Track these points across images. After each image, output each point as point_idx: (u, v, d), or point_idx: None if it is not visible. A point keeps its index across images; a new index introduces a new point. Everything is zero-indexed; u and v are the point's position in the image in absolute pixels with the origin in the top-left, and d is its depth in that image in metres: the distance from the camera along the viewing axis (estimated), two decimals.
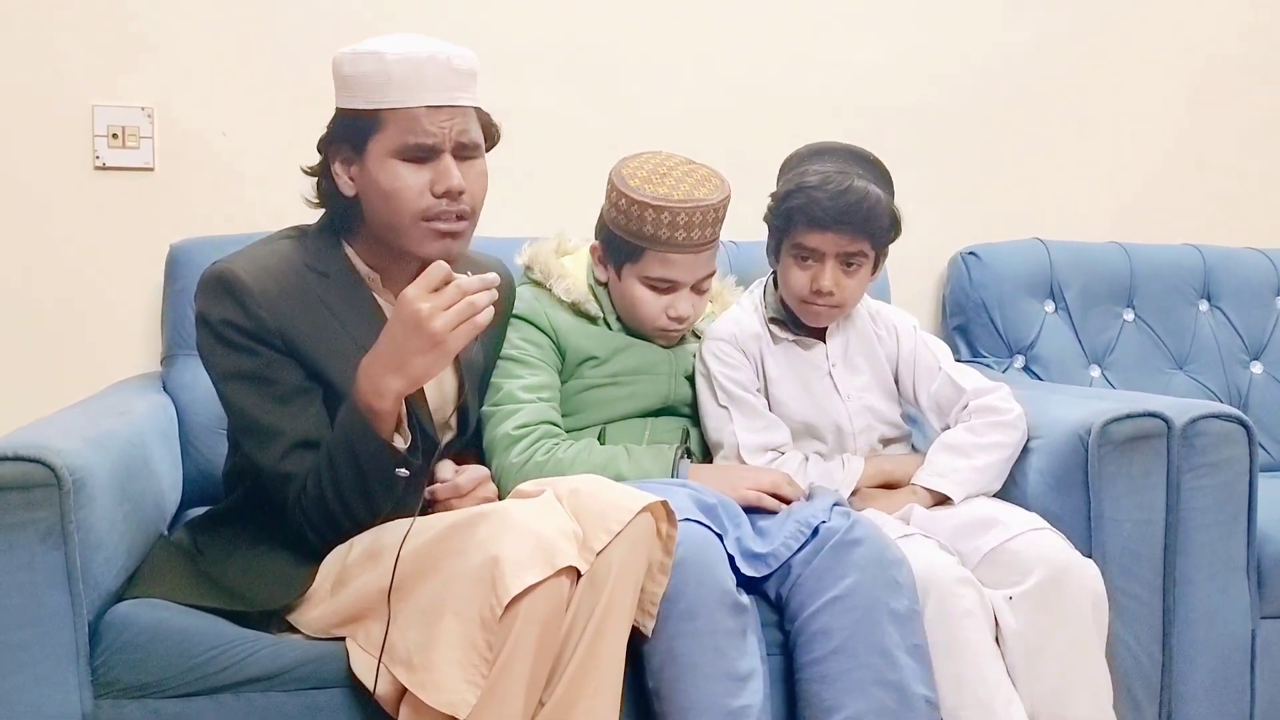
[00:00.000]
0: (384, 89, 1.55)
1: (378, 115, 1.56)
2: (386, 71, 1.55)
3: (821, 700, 1.62)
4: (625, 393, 1.96)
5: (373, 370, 1.49)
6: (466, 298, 1.44)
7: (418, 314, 1.43)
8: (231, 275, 1.55)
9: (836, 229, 1.89)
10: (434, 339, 1.44)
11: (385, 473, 1.52)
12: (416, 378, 1.49)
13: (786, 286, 1.97)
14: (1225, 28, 2.79)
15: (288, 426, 1.56)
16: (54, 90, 2.25)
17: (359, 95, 1.57)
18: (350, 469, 1.51)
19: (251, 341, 1.55)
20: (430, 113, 1.56)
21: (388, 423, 1.51)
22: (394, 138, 1.56)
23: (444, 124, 1.56)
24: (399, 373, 1.47)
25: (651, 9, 2.50)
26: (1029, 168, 2.70)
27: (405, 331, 1.45)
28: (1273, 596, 1.94)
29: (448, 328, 1.43)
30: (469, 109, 1.60)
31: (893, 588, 1.65)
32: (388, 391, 1.48)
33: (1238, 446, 1.87)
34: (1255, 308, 2.63)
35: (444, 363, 1.48)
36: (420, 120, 1.55)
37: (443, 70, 1.56)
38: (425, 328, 1.43)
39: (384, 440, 1.51)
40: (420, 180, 1.56)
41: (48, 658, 1.47)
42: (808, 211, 1.90)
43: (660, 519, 1.55)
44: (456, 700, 1.37)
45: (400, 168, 1.56)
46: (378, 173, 1.57)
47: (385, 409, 1.50)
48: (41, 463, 1.45)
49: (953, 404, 2.00)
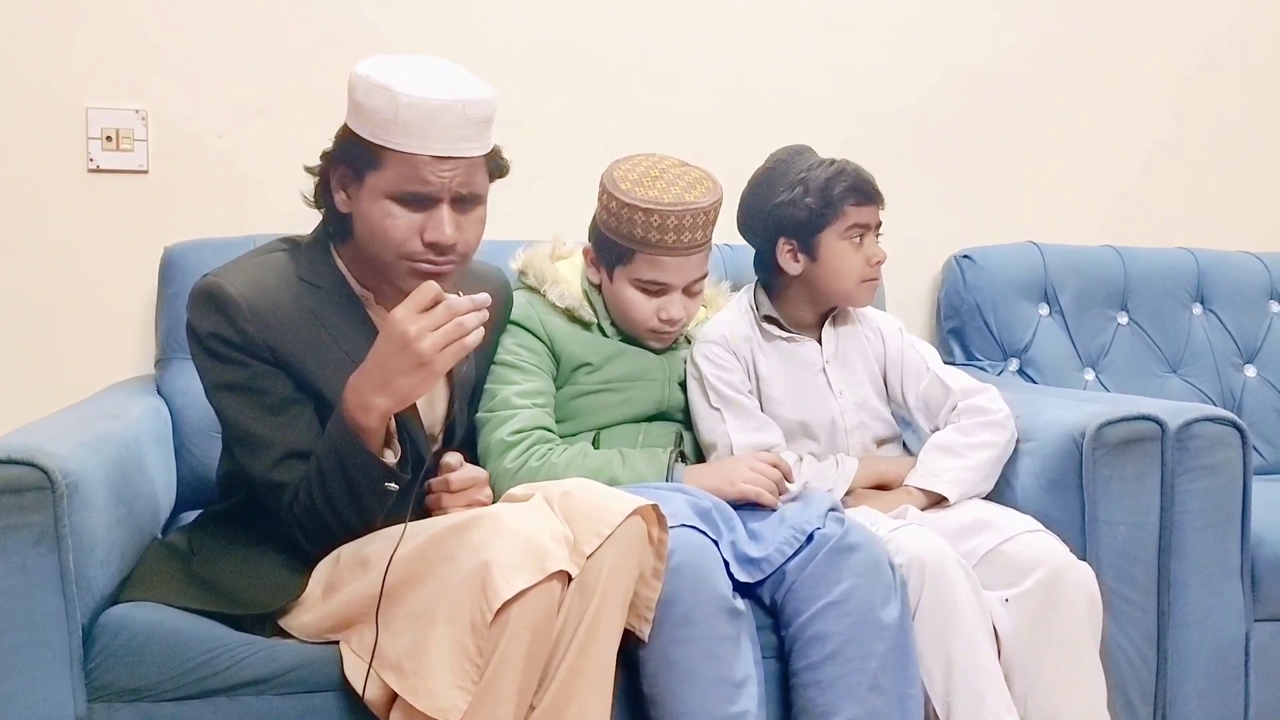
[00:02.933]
0: (389, 128, 1.51)
1: (380, 152, 1.52)
2: (396, 111, 1.49)
3: (816, 706, 1.63)
4: (619, 399, 1.96)
5: (360, 387, 1.48)
6: (456, 319, 1.43)
7: (405, 335, 1.42)
8: (219, 289, 1.55)
9: (879, 199, 1.99)
10: (420, 359, 1.43)
11: (375, 486, 1.52)
12: (403, 397, 1.48)
13: (845, 272, 1.97)
14: (1218, 31, 2.79)
15: (278, 437, 1.56)
16: (48, 93, 2.25)
17: (365, 126, 1.53)
18: (340, 482, 1.51)
19: (240, 354, 1.55)
20: (433, 162, 1.51)
21: (376, 438, 1.51)
22: (392, 179, 1.53)
23: (445, 174, 1.52)
24: (385, 391, 1.47)
25: (649, 13, 2.50)
26: (1023, 171, 2.70)
27: (392, 351, 1.44)
28: (1267, 599, 1.94)
29: (435, 349, 1.42)
30: (477, 159, 1.57)
31: (887, 593, 1.66)
32: (374, 409, 1.48)
33: (1231, 450, 1.87)
34: (1249, 311, 2.63)
35: (432, 383, 1.48)
36: (421, 168, 1.51)
37: (454, 120, 1.51)
38: (412, 348, 1.42)
39: (372, 455, 1.51)
40: (411, 224, 1.54)
41: (41, 661, 1.47)
42: (859, 188, 1.95)
43: (651, 522, 1.55)
44: (447, 705, 1.38)
45: (393, 207, 1.54)
46: (370, 206, 1.55)
47: (372, 426, 1.49)
48: (35, 466, 1.45)
49: (941, 405, 2.01)
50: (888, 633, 1.63)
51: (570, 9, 2.46)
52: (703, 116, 2.50)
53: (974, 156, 2.67)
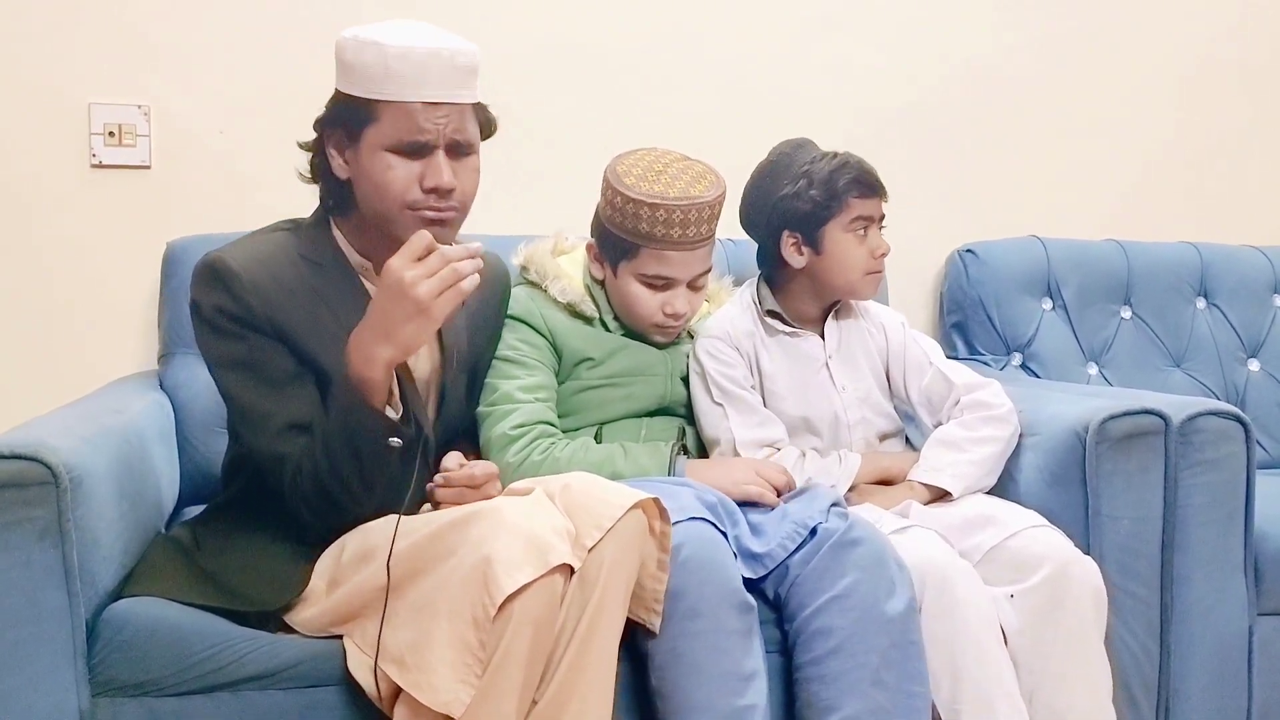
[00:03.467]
0: (382, 81, 1.55)
1: (374, 106, 1.56)
2: (386, 64, 1.54)
3: (820, 700, 1.63)
4: (622, 394, 1.96)
5: (362, 340, 1.50)
6: (450, 264, 1.45)
7: (400, 281, 1.44)
8: (221, 264, 1.57)
9: (882, 192, 1.99)
10: (419, 305, 1.44)
11: (378, 443, 1.52)
12: (405, 345, 1.50)
13: (849, 264, 1.97)
14: (1221, 25, 2.79)
15: (279, 409, 1.57)
16: (51, 88, 2.25)
17: (357, 83, 1.57)
18: (344, 441, 1.51)
19: (241, 328, 1.57)
20: (427, 109, 1.56)
21: (379, 392, 1.52)
22: (388, 131, 1.56)
23: (439, 121, 1.56)
24: (387, 341, 1.48)
25: (650, 10, 2.49)
26: (1026, 166, 2.70)
27: (390, 299, 1.46)
28: (1270, 593, 1.94)
29: (432, 294, 1.44)
30: (467, 106, 1.60)
31: (891, 588, 1.65)
32: (377, 359, 1.49)
33: (1235, 444, 1.87)
34: (1252, 305, 2.63)
35: (431, 328, 1.49)
36: (415, 116, 1.55)
37: (444, 67, 1.56)
38: (409, 294, 1.44)
39: (376, 409, 1.51)
40: (410, 173, 1.57)
41: (45, 656, 1.47)
42: (862, 180, 1.96)
43: (653, 515, 1.56)
44: (451, 700, 1.38)
45: (392, 159, 1.57)
46: (370, 162, 1.58)
47: (376, 378, 1.50)
48: (38, 461, 1.45)
49: (944, 399, 2.01)
50: (891, 627, 1.63)
51: (570, 9, 2.46)
52: (703, 116, 2.50)
53: (976, 152, 2.67)
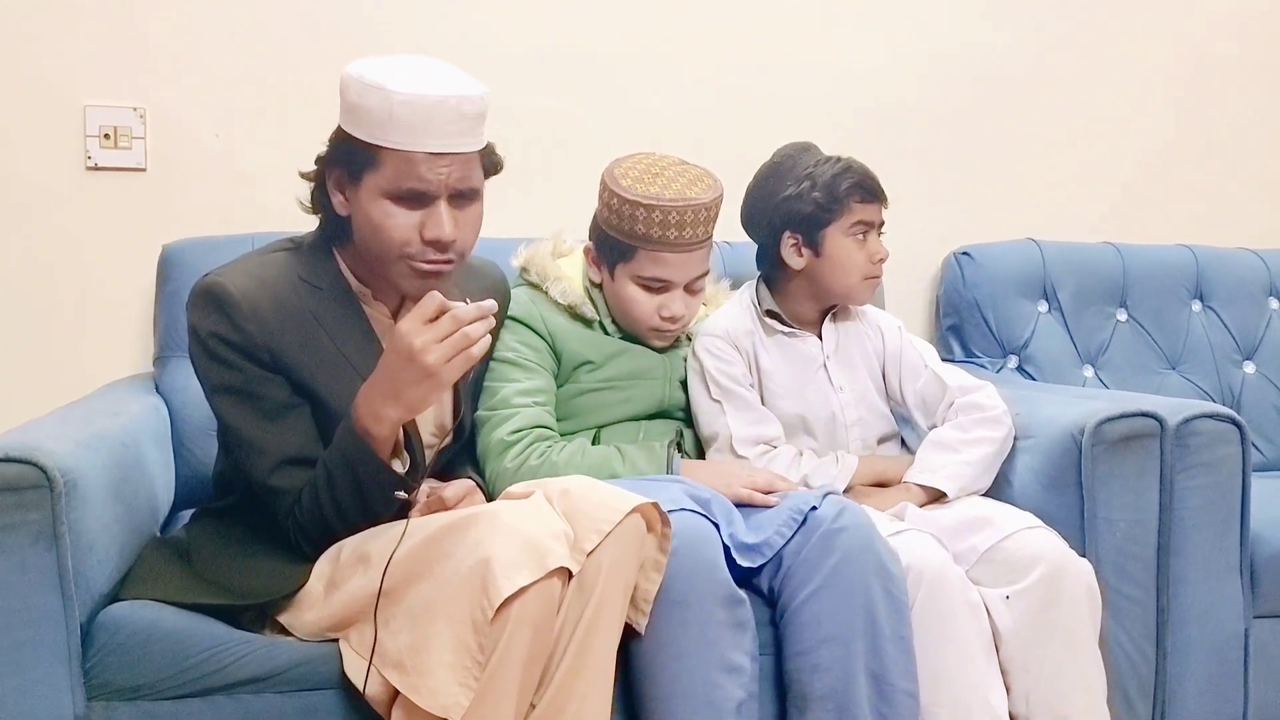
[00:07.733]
0: (385, 127, 1.51)
1: (376, 151, 1.53)
2: (390, 110, 1.50)
3: (808, 688, 1.63)
4: (620, 397, 1.96)
5: (371, 397, 1.49)
6: (462, 329, 1.42)
7: (411, 348, 1.42)
8: (220, 289, 1.55)
9: (883, 198, 2.00)
10: (427, 371, 1.43)
11: (385, 494, 1.53)
12: (413, 407, 1.49)
13: (848, 268, 1.98)
14: (1217, 28, 2.79)
15: (274, 443, 1.56)
16: (46, 90, 2.25)
17: (361, 126, 1.54)
18: (350, 490, 1.52)
19: (238, 356, 1.55)
20: (430, 159, 1.52)
21: (386, 447, 1.52)
22: (389, 178, 1.53)
23: (442, 171, 1.53)
24: (395, 402, 1.47)
25: (649, 11, 2.49)
26: (1022, 168, 2.71)
27: (400, 362, 1.44)
28: (1266, 595, 1.94)
29: (441, 360, 1.42)
30: (472, 154, 1.57)
31: (882, 575, 1.65)
32: (385, 419, 1.49)
33: (1231, 446, 1.87)
34: (1248, 308, 2.64)
35: (439, 393, 1.48)
36: (418, 166, 1.52)
37: (449, 115, 1.51)
38: (419, 360, 1.42)
39: (384, 464, 1.52)
40: (410, 222, 1.54)
41: (40, 660, 1.47)
42: (864, 185, 1.97)
43: (653, 519, 1.55)
44: (449, 703, 1.38)
45: (391, 207, 1.54)
46: (369, 206, 1.55)
47: (383, 435, 1.50)
48: (33, 464, 1.45)
49: (939, 401, 2.01)
50: (880, 617, 1.63)
51: (570, 9, 2.46)
52: (702, 116, 2.50)
53: (973, 154, 2.67)
